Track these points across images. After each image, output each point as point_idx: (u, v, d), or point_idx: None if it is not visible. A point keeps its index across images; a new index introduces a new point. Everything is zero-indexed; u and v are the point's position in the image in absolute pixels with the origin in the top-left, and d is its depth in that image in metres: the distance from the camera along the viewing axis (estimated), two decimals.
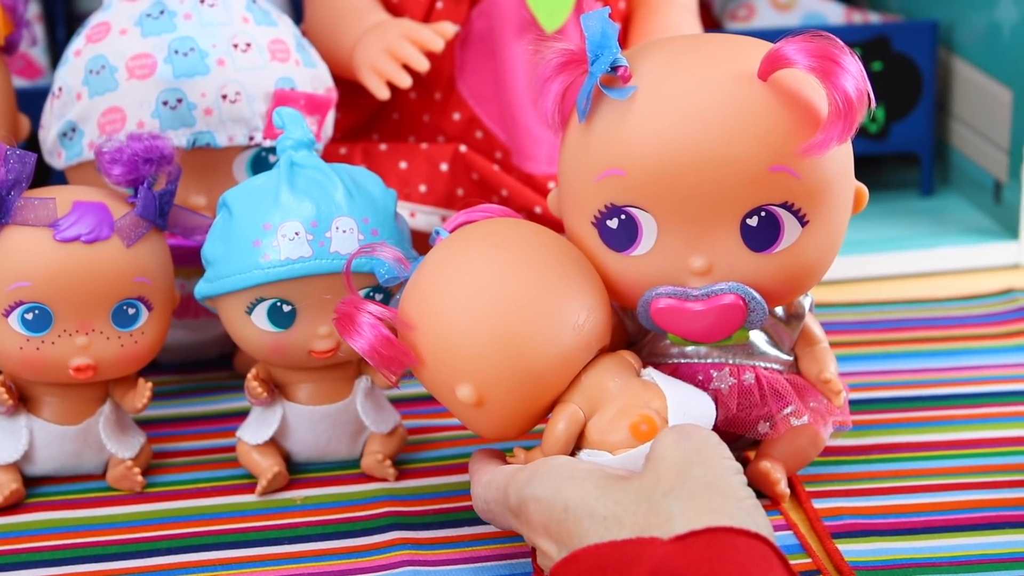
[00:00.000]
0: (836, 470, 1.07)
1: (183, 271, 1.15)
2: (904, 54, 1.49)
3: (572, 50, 0.95)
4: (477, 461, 0.98)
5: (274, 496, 1.07)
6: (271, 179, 1.04)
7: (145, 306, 1.05)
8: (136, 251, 1.04)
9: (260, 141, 1.16)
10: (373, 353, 0.95)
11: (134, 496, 1.07)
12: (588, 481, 0.87)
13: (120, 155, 1.04)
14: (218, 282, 1.04)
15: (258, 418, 1.08)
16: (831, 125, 0.90)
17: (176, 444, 1.14)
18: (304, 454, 1.09)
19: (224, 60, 1.15)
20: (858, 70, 0.91)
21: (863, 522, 1.01)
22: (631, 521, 0.83)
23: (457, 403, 0.95)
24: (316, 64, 1.21)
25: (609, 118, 0.94)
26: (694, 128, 0.92)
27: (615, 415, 0.94)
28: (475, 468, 0.97)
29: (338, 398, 1.08)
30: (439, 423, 1.14)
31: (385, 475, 1.08)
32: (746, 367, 1.01)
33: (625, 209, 0.95)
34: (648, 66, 0.95)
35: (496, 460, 0.97)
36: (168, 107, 1.14)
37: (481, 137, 1.31)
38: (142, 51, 1.14)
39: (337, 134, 1.31)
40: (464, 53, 1.29)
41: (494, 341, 0.93)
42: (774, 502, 1.03)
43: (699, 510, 0.82)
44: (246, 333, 1.05)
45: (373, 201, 1.04)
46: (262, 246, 1.02)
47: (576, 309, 0.94)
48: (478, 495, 0.95)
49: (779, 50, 0.91)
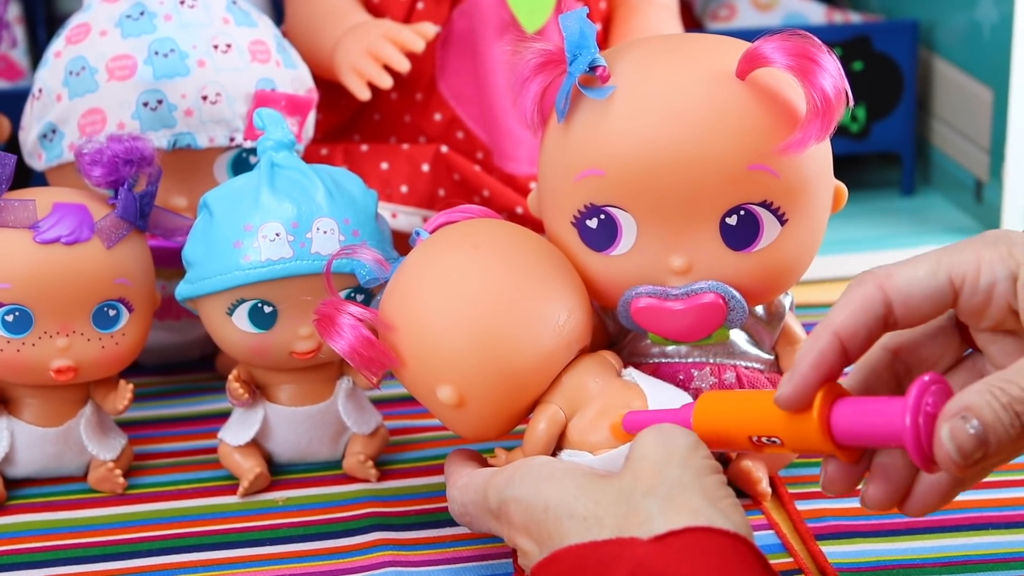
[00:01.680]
0: (819, 471, 1.07)
1: (164, 272, 1.15)
2: (885, 54, 1.49)
3: (551, 50, 0.95)
4: (453, 464, 0.98)
5: (256, 497, 1.07)
6: (251, 180, 1.04)
7: (126, 308, 1.05)
8: (117, 253, 1.04)
9: (241, 142, 1.16)
10: (353, 354, 0.95)
11: (116, 498, 1.07)
12: (568, 481, 0.87)
13: (100, 156, 1.04)
14: (199, 283, 1.04)
15: (240, 419, 1.08)
16: (809, 123, 0.90)
17: (158, 445, 1.14)
18: (286, 455, 1.09)
19: (204, 61, 1.15)
20: (836, 68, 0.91)
21: (847, 523, 1.01)
22: (611, 521, 0.83)
23: (438, 404, 0.95)
24: (297, 65, 1.21)
25: (588, 118, 0.94)
26: (673, 127, 0.92)
27: (595, 415, 0.94)
28: (451, 471, 0.97)
29: (319, 399, 1.08)
30: (421, 424, 1.14)
31: (367, 476, 1.08)
32: (727, 366, 1.01)
33: (604, 209, 0.95)
34: (626, 66, 0.95)
35: (472, 462, 0.97)
36: (148, 108, 1.14)
37: (462, 138, 1.31)
38: (122, 52, 1.14)
39: (318, 135, 1.31)
40: (445, 54, 1.29)
41: (474, 342, 0.93)
42: (755, 502, 1.03)
43: (678, 510, 0.82)
44: (227, 334, 1.05)
45: (354, 202, 1.04)
46: (243, 247, 1.02)
47: (556, 309, 0.95)
48: (454, 498, 0.95)
49: (757, 49, 0.91)
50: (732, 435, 0.87)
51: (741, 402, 0.87)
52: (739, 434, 0.87)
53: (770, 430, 0.85)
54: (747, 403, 0.87)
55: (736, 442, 0.87)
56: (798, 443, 0.84)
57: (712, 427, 0.88)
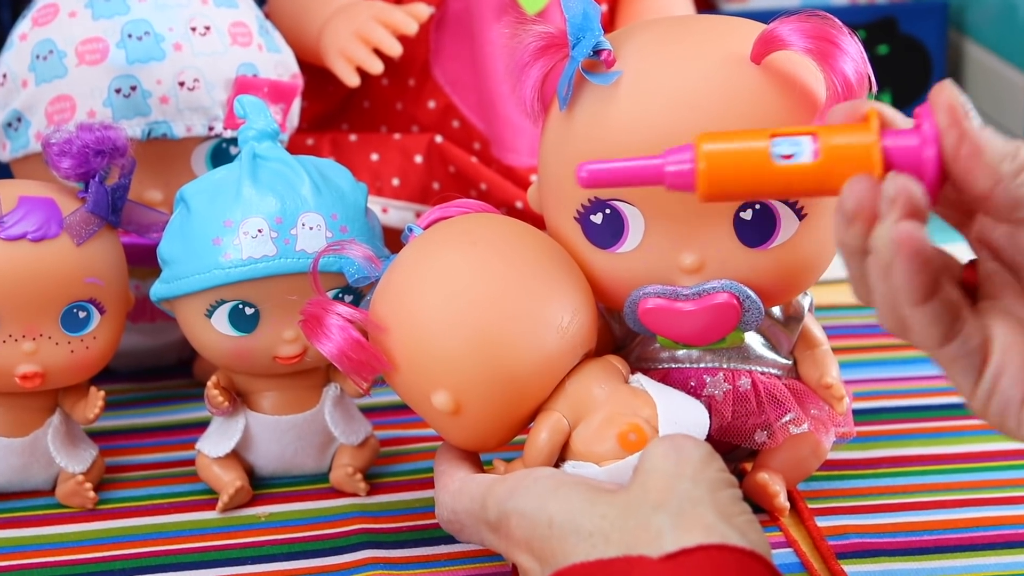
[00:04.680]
0: (841, 485, 1.08)
1: (138, 271, 1.15)
2: (912, 36, 1.50)
3: (552, 33, 0.95)
4: (444, 463, 0.97)
5: (236, 513, 1.07)
6: (232, 172, 1.04)
7: (97, 309, 1.06)
8: (87, 250, 1.04)
9: (220, 131, 1.16)
10: (343, 357, 0.95)
11: (85, 513, 1.08)
12: (574, 494, 0.87)
13: (69, 147, 1.04)
14: (175, 283, 1.04)
15: (219, 429, 1.08)
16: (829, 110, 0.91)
17: (131, 457, 1.14)
18: (269, 467, 1.10)
19: (181, 44, 1.15)
20: (858, 52, 0.91)
21: (870, 541, 1.01)
22: (618, 537, 0.83)
23: (433, 411, 0.95)
24: (280, 49, 1.21)
25: (592, 105, 0.95)
26: (682, 115, 0.92)
27: (601, 424, 0.94)
28: (442, 471, 0.97)
29: (305, 407, 1.08)
30: (413, 433, 1.15)
31: (356, 489, 1.08)
32: (742, 372, 1.02)
33: (610, 203, 0.96)
34: (633, 49, 0.95)
35: (465, 463, 0.97)
36: (121, 95, 1.14)
37: (458, 127, 1.31)
38: (93, 35, 1.15)
39: (303, 124, 1.31)
40: (440, 36, 1.29)
41: (472, 345, 0.93)
42: (773, 517, 1.03)
43: (690, 526, 0.82)
44: (206, 338, 1.05)
45: (342, 196, 1.04)
46: (223, 244, 1.02)
47: (560, 310, 0.95)
48: (445, 503, 0.95)
49: (773, 31, 0.92)
50: (748, 148, 0.81)
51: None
52: (759, 136, 0.81)
53: (799, 129, 0.81)
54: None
55: (756, 162, 0.81)
56: (837, 154, 0.80)
57: (723, 142, 0.82)
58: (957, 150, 0.78)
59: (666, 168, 0.83)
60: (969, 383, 0.80)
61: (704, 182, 0.82)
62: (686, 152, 0.82)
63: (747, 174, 0.81)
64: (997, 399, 0.79)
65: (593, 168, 0.85)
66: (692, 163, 0.82)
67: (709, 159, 0.81)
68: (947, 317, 0.78)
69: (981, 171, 0.78)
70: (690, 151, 0.82)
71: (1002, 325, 0.80)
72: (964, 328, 0.79)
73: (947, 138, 0.78)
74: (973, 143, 0.78)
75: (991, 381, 0.79)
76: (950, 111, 0.78)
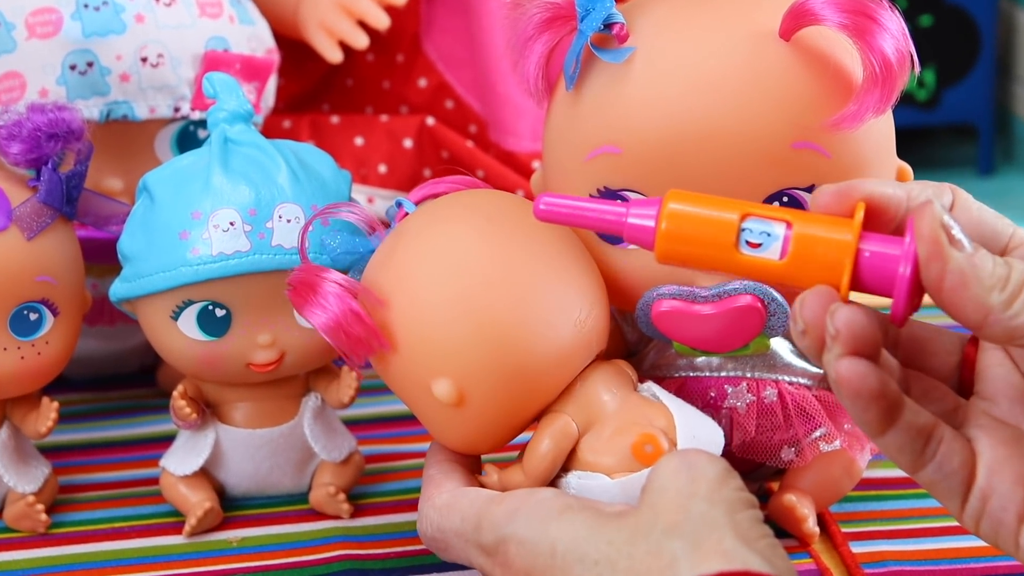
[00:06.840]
0: (877, 507, 1.08)
1: (96, 269, 1.15)
2: (958, 6, 1.50)
3: (559, 4, 0.95)
4: (434, 468, 0.97)
5: (205, 537, 1.07)
6: (201, 158, 1.04)
7: (50, 311, 1.06)
8: (39, 245, 1.04)
9: (187, 113, 1.17)
10: (338, 331, 0.93)
11: (36, 538, 1.08)
12: (578, 519, 0.87)
13: (19, 130, 1.04)
14: (138, 282, 1.04)
15: (186, 444, 1.09)
16: (866, 93, 0.91)
17: (87, 476, 1.14)
18: (241, 487, 1.10)
19: (143, 16, 1.15)
20: (899, 27, 0.91)
21: (910, 569, 1.01)
22: (626, 565, 0.83)
23: (429, 403, 0.94)
24: (254, 21, 1.21)
25: (602, 85, 0.95)
26: (702, 97, 0.92)
27: (613, 433, 0.94)
28: (430, 476, 0.96)
29: (282, 420, 1.08)
30: (402, 449, 1.15)
31: (338, 511, 1.08)
32: (767, 382, 1.02)
33: (621, 193, 0.96)
34: (648, 23, 0.95)
35: (459, 471, 0.96)
36: (77, 72, 1.14)
37: (452, 107, 1.31)
38: (45, 5, 1.15)
39: (280, 104, 1.31)
40: (431, 7, 1.30)
41: (483, 329, 0.92)
42: (802, 543, 1.03)
43: (707, 552, 0.82)
44: (171, 342, 1.05)
45: (323, 184, 1.05)
46: (190, 238, 1.02)
47: (578, 301, 0.94)
48: (429, 518, 0.94)
49: (804, 3, 0.92)
50: (716, 220, 0.82)
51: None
52: (732, 208, 0.82)
53: (776, 214, 0.82)
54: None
55: (719, 240, 0.82)
56: (805, 255, 0.81)
57: (693, 205, 0.83)
58: (940, 283, 0.78)
59: (628, 219, 0.84)
60: (955, 505, 0.81)
61: (663, 243, 0.83)
62: (652, 207, 0.84)
63: (709, 251, 0.83)
64: (987, 521, 0.80)
65: (552, 202, 0.86)
66: (655, 220, 0.83)
67: (671, 220, 0.83)
68: (915, 444, 0.79)
69: (968, 304, 0.78)
70: (655, 207, 0.84)
71: (988, 439, 0.81)
72: (940, 449, 0.80)
73: (928, 271, 0.78)
74: (957, 275, 0.78)
75: (978, 503, 0.80)
76: (932, 242, 0.78)
